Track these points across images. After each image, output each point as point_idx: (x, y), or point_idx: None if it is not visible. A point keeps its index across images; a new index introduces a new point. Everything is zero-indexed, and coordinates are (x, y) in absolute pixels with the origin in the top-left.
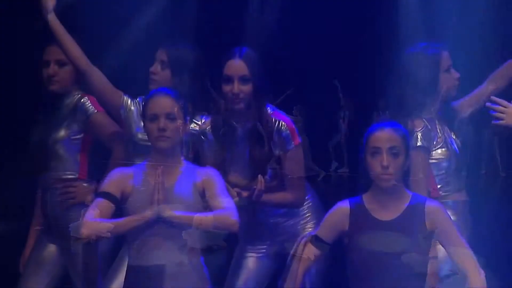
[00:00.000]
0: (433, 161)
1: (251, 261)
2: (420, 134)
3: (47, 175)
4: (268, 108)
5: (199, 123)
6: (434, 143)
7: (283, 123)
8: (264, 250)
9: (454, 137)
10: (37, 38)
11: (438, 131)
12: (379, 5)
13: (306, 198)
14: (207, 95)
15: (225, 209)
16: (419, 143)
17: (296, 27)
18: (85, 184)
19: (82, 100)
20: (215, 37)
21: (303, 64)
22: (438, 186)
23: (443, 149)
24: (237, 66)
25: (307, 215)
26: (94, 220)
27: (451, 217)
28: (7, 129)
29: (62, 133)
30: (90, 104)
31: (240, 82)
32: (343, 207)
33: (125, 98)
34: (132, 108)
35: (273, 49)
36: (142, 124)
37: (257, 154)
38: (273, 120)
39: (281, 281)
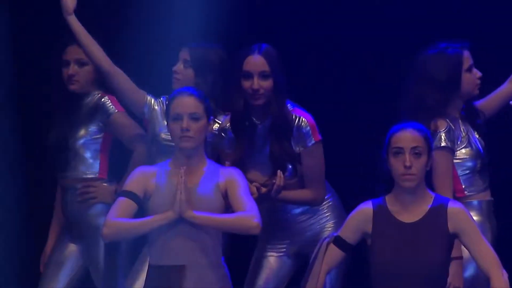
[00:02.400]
0: (457, 161)
1: (271, 261)
2: (443, 135)
3: (67, 174)
4: (288, 104)
5: (221, 122)
6: (458, 143)
7: (303, 119)
8: (284, 250)
9: (477, 136)
10: (58, 38)
11: (462, 130)
12: (398, 4)
13: (326, 197)
14: (229, 94)
15: (248, 211)
16: (443, 144)
17: (317, 25)
18: (105, 184)
19: (102, 100)
20: (237, 35)
21: (323, 63)
22: (463, 187)
23: (467, 149)
24: (256, 62)
25: (327, 214)
26: (116, 220)
27: (475, 218)
28: (27, 129)
29: (82, 132)
30: (110, 103)
31: (260, 78)
32: (366, 208)
33: (149, 97)
34: (156, 107)
35: (294, 46)
36: (165, 124)
37: (277, 150)
38: (294, 116)
39: (303, 281)
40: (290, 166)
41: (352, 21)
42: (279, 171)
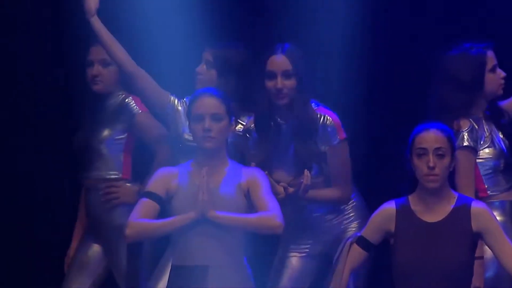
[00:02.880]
0: (480, 160)
1: (294, 261)
2: (466, 134)
3: (91, 175)
4: (313, 103)
5: (245, 123)
6: (481, 142)
7: (328, 118)
8: (307, 250)
9: (501, 136)
10: (81, 38)
11: (485, 130)
12: (423, 5)
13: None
14: (253, 95)
15: (270, 211)
16: (465, 143)
17: (342, 24)
18: (128, 184)
19: (126, 100)
20: (260, 36)
21: (348, 62)
22: (485, 186)
23: (491, 148)
24: (280, 61)
25: (351, 214)
26: (139, 221)
27: (498, 218)
28: (51, 129)
29: (105, 133)
30: (134, 104)
31: (283, 77)
32: (389, 208)
33: (172, 98)
34: (179, 108)
35: (319, 45)
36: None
37: (302, 150)
38: (318, 115)
39: (326, 282)
40: (315, 165)
41: (379, 21)
42: (306, 170)
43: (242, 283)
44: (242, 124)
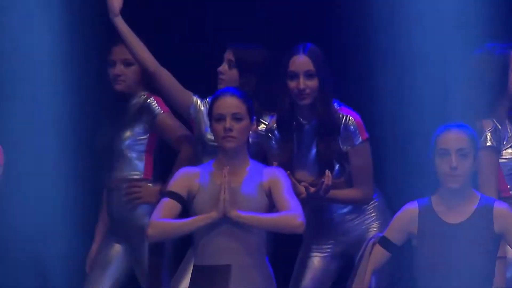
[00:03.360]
0: (503, 160)
1: (316, 261)
2: (489, 134)
3: (112, 175)
4: (335, 103)
5: (267, 123)
6: (504, 142)
7: (350, 118)
8: (329, 250)
9: None
10: (104, 38)
11: (508, 130)
12: (445, 5)
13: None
14: (275, 95)
15: (291, 210)
16: (488, 143)
17: (364, 24)
18: (150, 184)
19: (148, 101)
20: (282, 36)
21: (370, 62)
22: (508, 186)
23: None
24: (302, 61)
25: (373, 214)
26: (161, 220)
27: None
28: (73, 129)
29: (128, 133)
30: (156, 104)
31: (305, 77)
32: (411, 208)
33: (195, 98)
34: (202, 108)
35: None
36: None
37: (324, 150)
38: (340, 115)
39: (349, 282)
40: (337, 165)
41: (401, 21)
42: (327, 170)
43: (264, 283)
44: (264, 123)
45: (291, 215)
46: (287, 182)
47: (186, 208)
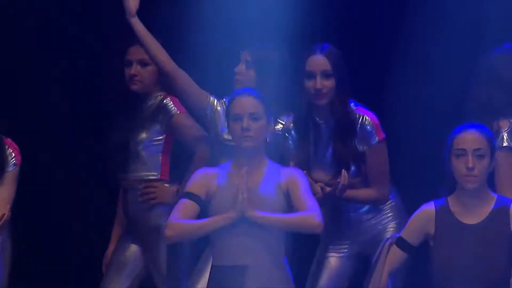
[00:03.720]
0: None
1: (333, 261)
2: (506, 134)
3: (128, 176)
4: (352, 103)
5: (284, 122)
6: None
7: (367, 118)
8: (346, 250)
9: None
10: (120, 38)
11: None
12: (463, 6)
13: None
14: (292, 95)
15: (309, 210)
16: (505, 144)
17: (381, 24)
18: (166, 185)
19: (164, 101)
20: (298, 36)
21: (387, 62)
22: None
23: None
24: (319, 61)
25: (390, 215)
26: (179, 221)
27: None
28: (89, 130)
29: (144, 134)
30: (172, 105)
31: (322, 77)
32: (428, 209)
33: (211, 98)
34: (218, 108)
35: (358, 45)
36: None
37: (341, 150)
38: (357, 115)
39: (366, 282)
40: (354, 165)
41: (417, 21)
42: (343, 170)
43: (282, 283)
44: (281, 123)
45: (309, 215)
46: (305, 182)
47: (204, 209)
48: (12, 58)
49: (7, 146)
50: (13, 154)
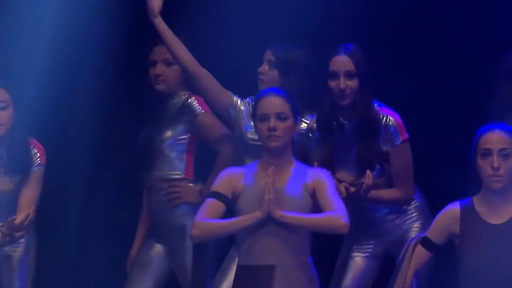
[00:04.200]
0: None
1: (357, 261)
2: None
3: (153, 175)
4: (375, 103)
5: (308, 122)
6: None
7: (390, 118)
8: (370, 250)
9: None
10: (144, 38)
11: None
12: (485, 5)
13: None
14: (315, 94)
15: (336, 210)
16: None
17: (404, 24)
18: (190, 184)
19: (189, 100)
20: (321, 35)
21: (410, 62)
22: None
23: None
24: (342, 61)
25: (414, 214)
26: (205, 220)
27: None
28: (114, 129)
29: (168, 133)
30: (197, 104)
31: (346, 77)
32: (453, 209)
33: (235, 98)
34: (242, 108)
35: (381, 45)
36: (252, 123)
37: (365, 150)
38: (381, 115)
39: (390, 282)
40: (378, 166)
41: (439, 21)
42: (368, 170)
43: (307, 283)
44: (305, 123)
45: (336, 216)
46: (331, 183)
47: (230, 209)
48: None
49: (32, 146)
50: (38, 154)
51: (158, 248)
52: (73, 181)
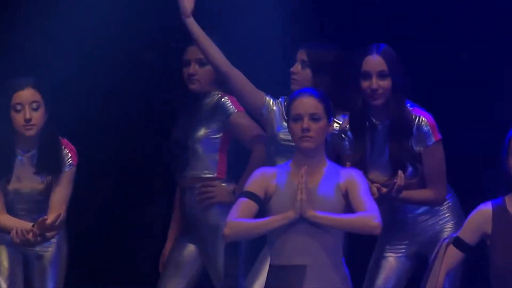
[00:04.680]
0: None
1: (390, 261)
2: None
3: (186, 174)
4: (408, 104)
5: (341, 122)
6: None
7: (423, 119)
8: (403, 250)
9: None
10: (177, 38)
11: None
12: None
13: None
14: (348, 95)
15: (368, 211)
16: None
17: (435, 24)
18: (223, 184)
19: (222, 100)
20: (354, 35)
21: (443, 63)
22: None
23: None
24: (375, 61)
25: (447, 215)
26: (238, 220)
27: None
28: (146, 128)
29: (201, 132)
30: (230, 103)
31: (378, 77)
32: (485, 209)
33: (267, 98)
34: (274, 108)
35: (414, 46)
36: (284, 124)
37: (397, 150)
38: (413, 116)
39: (423, 282)
40: (410, 166)
41: (471, 21)
42: (400, 171)
43: (340, 283)
44: (338, 123)
45: (368, 216)
46: (364, 183)
47: (263, 208)
48: (72, 58)
49: (63, 147)
50: (70, 155)
51: (191, 248)
52: (104, 182)
